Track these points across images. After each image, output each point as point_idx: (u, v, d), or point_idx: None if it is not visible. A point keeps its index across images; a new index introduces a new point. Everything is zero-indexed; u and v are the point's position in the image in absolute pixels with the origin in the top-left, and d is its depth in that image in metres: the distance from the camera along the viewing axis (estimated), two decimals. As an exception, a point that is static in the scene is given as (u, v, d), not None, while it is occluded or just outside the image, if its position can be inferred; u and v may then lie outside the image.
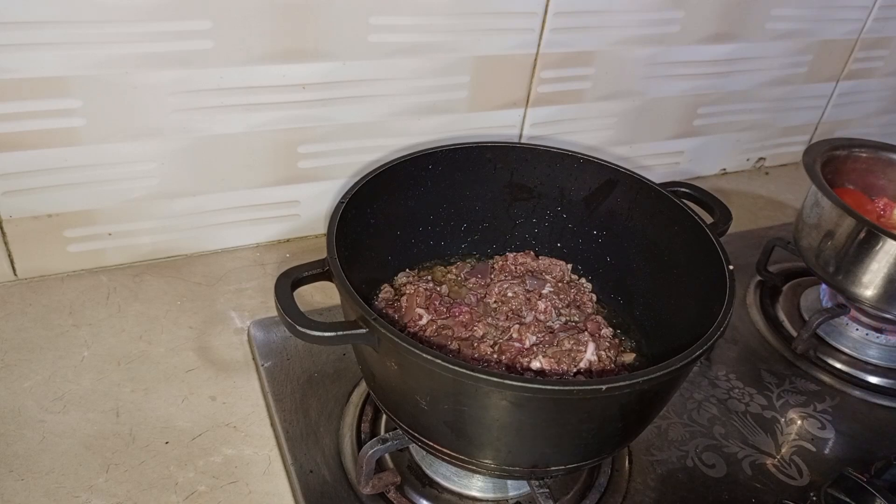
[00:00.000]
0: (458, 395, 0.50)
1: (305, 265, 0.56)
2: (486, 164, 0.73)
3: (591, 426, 0.53)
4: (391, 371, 0.53)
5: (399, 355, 0.50)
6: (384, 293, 0.69)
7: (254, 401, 0.71)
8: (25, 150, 0.72)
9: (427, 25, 0.82)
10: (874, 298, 0.81)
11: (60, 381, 0.70)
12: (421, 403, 0.52)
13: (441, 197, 0.73)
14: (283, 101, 0.80)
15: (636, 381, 0.48)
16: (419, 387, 0.52)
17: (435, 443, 0.55)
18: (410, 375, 0.52)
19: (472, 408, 0.50)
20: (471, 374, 0.46)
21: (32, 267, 0.81)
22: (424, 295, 0.66)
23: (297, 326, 0.51)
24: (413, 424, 0.56)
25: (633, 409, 0.54)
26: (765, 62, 1.10)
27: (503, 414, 0.50)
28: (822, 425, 0.77)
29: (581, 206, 0.74)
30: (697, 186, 0.72)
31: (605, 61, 0.96)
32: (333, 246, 0.56)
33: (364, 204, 0.64)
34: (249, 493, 0.63)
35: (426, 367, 0.48)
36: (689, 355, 0.50)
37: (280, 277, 0.55)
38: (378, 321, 0.49)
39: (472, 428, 0.52)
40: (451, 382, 0.48)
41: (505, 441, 0.53)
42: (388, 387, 0.56)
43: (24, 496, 0.60)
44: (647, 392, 0.52)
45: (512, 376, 0.47)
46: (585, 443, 0.55)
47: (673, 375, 0.49)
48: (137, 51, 0.71)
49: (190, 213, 0.85)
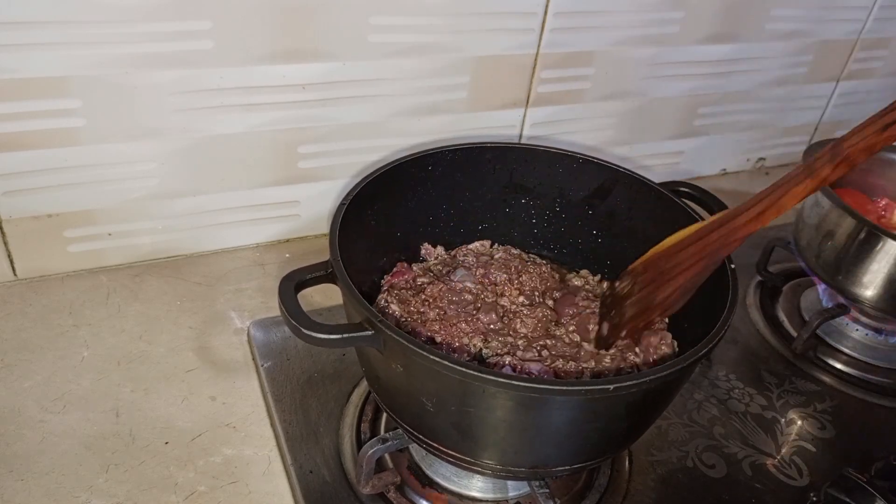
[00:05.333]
0: (464, 397, 0.50)
1: (308, 268, 0.56)
2: (486, 164, 0.73)
3: (597, 426, 0.53)
4: (396, 373, 0.53)
5: (405, 357, 0.50)
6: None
7: (254, 401, 0.71)
8: (25, 150, 0.72)
9: (427, 25, 0.82)
10: (874, 299, 0.81)
11: (60, 381, 0.70)
12: (427, 405, 0.52)
13: (441, 197, 0.73)
14: (283, 101, 0.80)
15: (644, 380, 0.48)
16: (425, 388, 0.52)
17: (440, 444, 0.55)
18: (416, 377, 0.52)
19: (479, 409, 0.50)
20: (478, 376, 0.46)
21: (32, 267, 0.81)
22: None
23: (302, 329, 0.51)
24: (418, 426, 0.56)
25: (639, 409, 0.54)
26: (765, 62, 1.10)
27: (510, 415, 0.50)
28: (822, 425, 0.77)
29: (581, 207, 0.74)
30: (697, 186, 0.72)
31: (605, 61, 0.96)
32: (336, 248, 0.56)
33: (365, 205, 0.64)
34: (249, 494, 0.63)
35: (433, 369, 0.48)
36: (695, 353, 0.50)
37: (283, 280, 0.54)
38: (384, 323, 0.49)
39: (479, 429, 0.52)
40: (458, 384, 0.48)
41: (511, 442, 0.53)
42: (394, 389, 0.56)
43: (24, 496, 0.60)
44: (653, 391, 0.52)
45: (519, 377, 0.47)
46: (591, 443, 0.55)
47: (680, 374, 0.50)
48: (137, 51, 0.71)
49: (190, 213, 0.85)
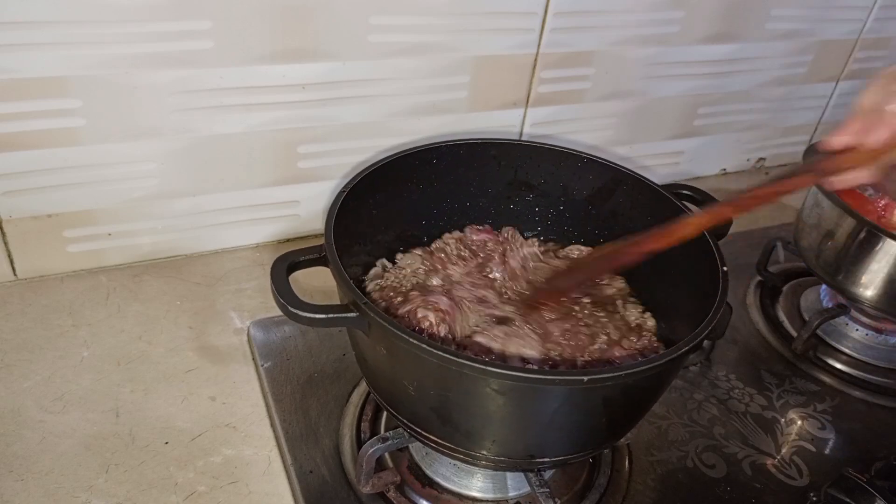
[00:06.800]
0: (443, 381, 0.51)
1: (302, 250, 0.58)
2: (491, 160, 0.73)
3: (576, 418, 0.53)
4: (381, 356, 0.54)
5: (387, 340, 0.51)
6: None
7: (253, 401, 0.71)
8: (25, 150, 0.72)
9: (427, 25, 0.82)
10: (874, 298, 0.81)
11: (60, 381, 0.70)
12: (409, 389, 0.53)
13: (445, 191, 0.73)
14: (283, 101, 0.80)
15: (619, 374, 0.48)
16: (406, 372, 0.53)
17: (423, 429, 0.56)
18: (398, 360, 0.53)
19: (457, 394, 0.51)
20: (454, 360, 0.47)
21: (32, 267, 0.81)
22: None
23: (289, 307, 0.52)
24: (402, 410, 0.57)
25: (619, 404, 0.54)
26: (765, 62, 1.10)
27: (487, 402, 0.50)
28: (822, 425, 0.77)
29: (583, 205, 0.74)
30: (699, 189, 0.72)
31: (605, 61, 0.96)
32: (331, 232, 0.57)
33: (367, 194, 0.65)
34: (249, 494, 0.63)
35: (412, 353, 0.48)
36: (673, 352, 0.50)
37: (276, 260, 0.56)
38: (368, 305, 0.50)
39: (458, 415, 0.53)
40: (436, 368, 0.49)
41: (490, 430, 0.53)
42: (379, 372, 0.57)
43: (24, 496, 0.60)
44: (633, 387, 0.52)
45: (495, 363, 0.48)
46: (571, 435, 0.55)
47: (657, 370, 0.49)
48: (137, 51, 0.71)
49: (190, 213, 0.85)
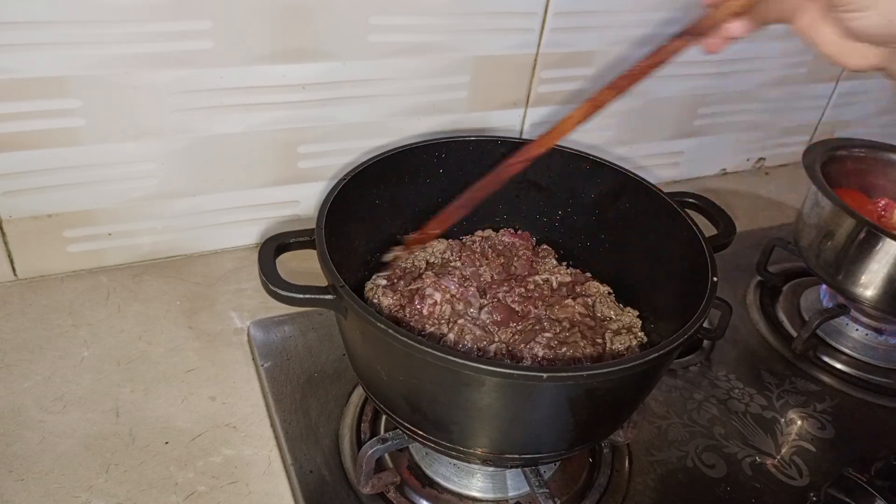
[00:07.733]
0: (409, 369, 0.51)
1: (293, 232, 0.59)
2: (500, 158, 0.73)
3: (540, 415, 0.53)
4: (357, 340, 0.56)
5: (360, 324, 0.52)
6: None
7: (253, 401, 0.71)
8: (25, 150, 0.72)
9: (427, 25, 0.82)
10: (874, 299, 0.81)
11: (60, 381, 0.70)
12: (381, 374, 0.54)
13: (452, 186, 0.72)
14: (283, 101, 0.80)
15: (579, 374, 0.48)
16: (378, 357, 0.54)
17: (396, 415, 0.57)
18: (371, 345, 0.54)
19: (423, 382, 0.51)
20: (417, 347, 0.47)
21: (32, 267, 0.81)
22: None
23: (269, 285, 0.54)
24: (377, 395, 0.58)
25: (585, 405, 0.53)
26: (765, 62, 1.10)
27: (453, 392, 0.50)
28: (822, 425, 0.77)
29: (590, 208, 0.74)
30: (705, 197, 0.72)
31: (605, 61, 0.96)
32: (324, 216, 0.58)
33: (370, 184, 0.66)
34: (249, 494, 0.63)
35: (381, 338, 0.49)
36: (639, 357, 0.49)
37: (266, 241, 0.58)
38: (345, 289, 0.51)
39: (426, 404, 0.53)
40: (403, 355, 0.49)
41: (457, 419, 0.53)
42: (356, 355, 0.59)
43: (24, 496, 0.60)
44: (599, 389, 0.51)
45: (457, 352, 0.47)
46: (535, 433, 0.55)
47: (621, 374, 0.48)
48: (137, 51, 0.71)
49: (190, 213, 0.84)
